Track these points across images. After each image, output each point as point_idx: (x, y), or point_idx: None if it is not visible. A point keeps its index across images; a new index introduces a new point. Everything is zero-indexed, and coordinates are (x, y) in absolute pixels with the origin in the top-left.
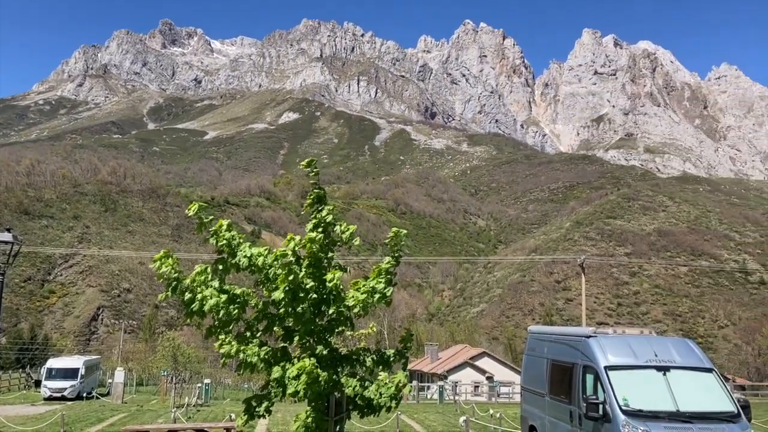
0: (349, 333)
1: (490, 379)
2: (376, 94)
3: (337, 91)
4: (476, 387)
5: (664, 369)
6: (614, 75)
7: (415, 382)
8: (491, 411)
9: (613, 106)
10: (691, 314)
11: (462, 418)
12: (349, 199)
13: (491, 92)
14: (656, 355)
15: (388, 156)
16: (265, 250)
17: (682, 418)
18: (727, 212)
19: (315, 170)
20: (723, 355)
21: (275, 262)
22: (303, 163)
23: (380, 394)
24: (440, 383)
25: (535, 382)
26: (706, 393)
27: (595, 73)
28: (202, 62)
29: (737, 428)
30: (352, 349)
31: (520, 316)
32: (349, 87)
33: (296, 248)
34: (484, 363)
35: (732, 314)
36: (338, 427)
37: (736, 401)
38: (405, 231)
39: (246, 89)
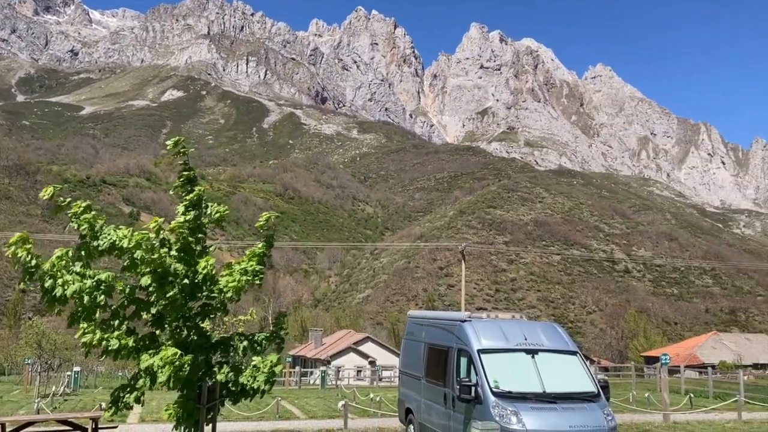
0: (227, 319)
1: (372, 363)
2: (265, 75)
3: (224, 70)
4: (359, 371)
5: (532, 352)
6: (499, 70)
7: (297, 368)
8: (371, 395)
9: (497, 100)
10: (563, 300)
11: (341, 403)
12: (235, 182)
13: (382, 80)
14: (526, 339)
15: (276, 139)
16: (130, 232)
17: (548, 398)
18: (598, 205)
19: (183, 150)
20: (590, 338)
21: (140, 246)
22: (170, 142)
23: (254, 378)
24: (323, 368)
25: (413, 366)
26: (570, 375)
27: (482, 67)
28: (79, 33)
29: (596, 407)
30: (225, 334)
31: (405, 302)
32: (237, 67)
33: (162, 231)
34: (368, 348)
35: (599, 300)
36: (210, 414)
37: (597, 382)
38: (277, 214)
39: (127, 64)
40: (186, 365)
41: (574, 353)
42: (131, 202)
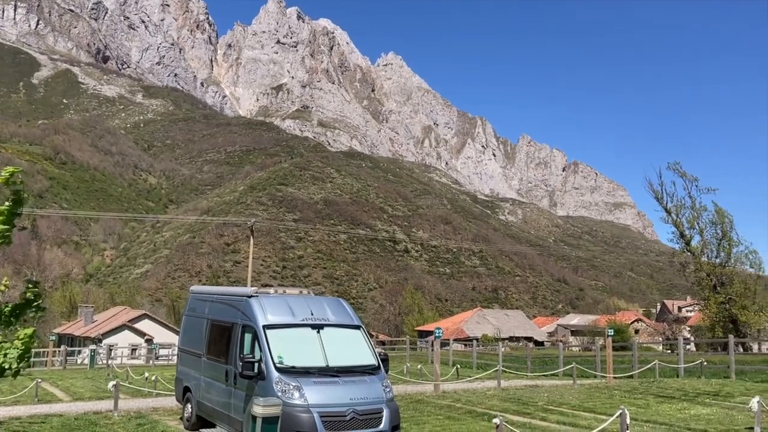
0: None
1: (149, 341)
2: (37, 25)
3: None
4: (134, 350)
5: (318, 327)
6: (295, 47)
7: (63, 347)
8: (147, 374)
9: (293, 77)
10: (347, 278)
11: (111, 383)
12: None
13: (172, 44)
14: (312, 314)
15: (48, 97)
16: None
17: (331, 372)
18: (383, 188)
19: None
20: (370, 314)
21: None
22: None
23: (5, 356)
24: (92, 347)
25: (193, 343)
26: (353, 348)
27: (278, 42)
28: None
29: (376, 379)
30: None
31: (187, 278)
32: (3, 12)
33: None
34: (145, 325)
35: (380, 278)
36: None
37: (377, 355)
38: (21, 169)
39: None
40: None
41: (357, 327)
42: None
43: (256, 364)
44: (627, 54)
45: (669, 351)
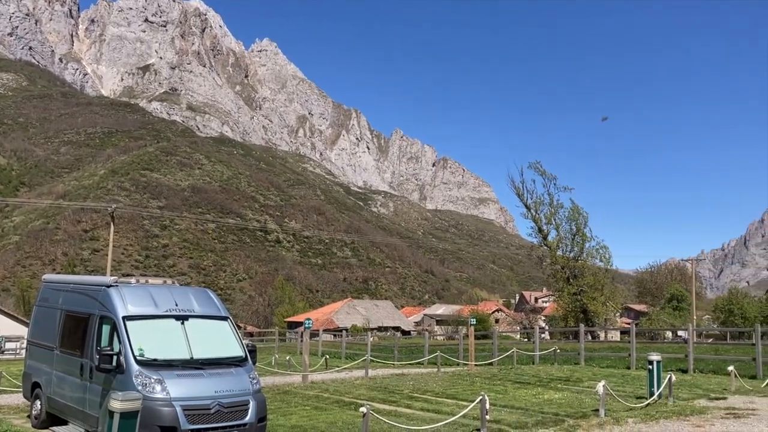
0: None
1: None
2: None
3: None
4: None
5: (182, 318)
6: (165, 27)
7: None
8: None
9: (161, 58)
10: (215, 268)
11: None
12: None
13: (27, 15)
14: (177, 305)
15: None
16: None
17: (195, 364)
18: (255, 176)
19: None
20: (239, 305)
21: None
22: None
23: None
24: None
25: (45, 335)
26: (219, 340)
27: (146, 20)
28: None
29: (243, 371)
30: None
31: (39, 266)
32: None
33: None
34: None
35: (250, 269)
36: None
37: (245, 346)
38: None
39: None
40: None
41: (224, 318)
42: None
43: (115, 357)
44: (495, 53)
45: (526, 339)
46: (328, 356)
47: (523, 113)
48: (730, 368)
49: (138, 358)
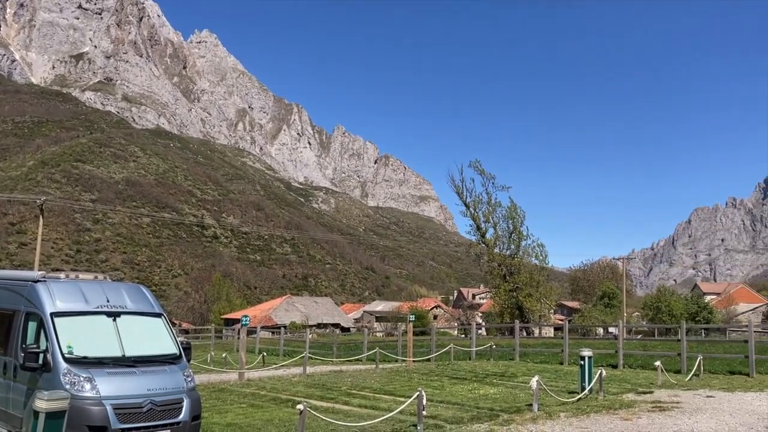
0: None
1: None
2: None
3: None
4: None
5: (114, 315)
6: (100, 14)
7: None
8: None
9: (95, 47)
10: (149, 263)
11: None
12: None
13: None
14: (108, 301)
15: None
16: None
17: (127, 362)
18: (193, 170)
19: None
20: (174, 302)
21: None
22: None
23: None
24: None
25: None
26: (153, 337)
27: (80, 7)
28: None
29: (177, 368)
30: None
31: None
32: None
33: None
34: None
35: (186, 264)
36: None
37: (179, 344)
38: None
39: None
40: None
41: (158, 315)
42: None
43: (41, 355)
44: (437, 51)
45: (463, 335)
46: (265, 353)
47: (466, 112)
48: (657, 363)
49: (66, 356)
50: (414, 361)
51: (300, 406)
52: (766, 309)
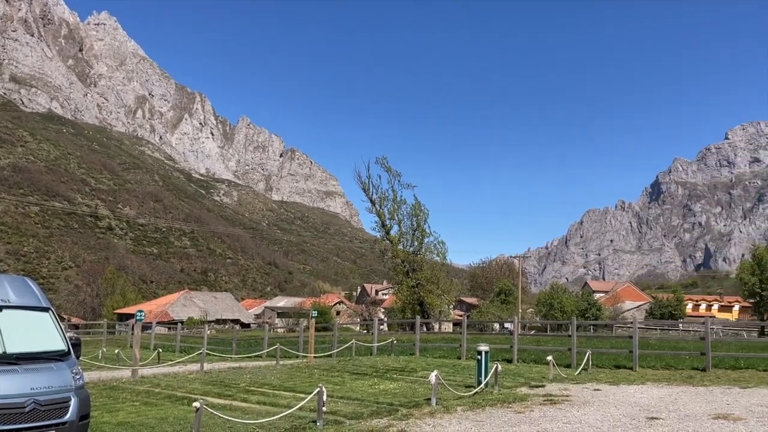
0: None
1: None
2: None
3: None
4: None
5: None
6: None
7: None
8: None
9: None
10: (37, 255)
11: None
12: None
13: None
14: None
15: None
16: None
17: (9, 359)
18: (87, 157)
19: None
20: (63, 295)
21: None
22: None
23: None
24: None
25: None
26: (38, 333)
27: None
28: None
29: (65, 365)
30: None
31: None
32: None
33: None
34: None
35: (77, 256)
36: None
37: (68, 340)
38: None
39: None
40: None
41: (45, 309)
42: None
43: None
44: (344, 46)
45: (366, 331)
46: (161, 350)
47: (374, 108)
48: (549, 358)
49: None
50: (315, 357)
51: (196, 404)
52: (649, 306)
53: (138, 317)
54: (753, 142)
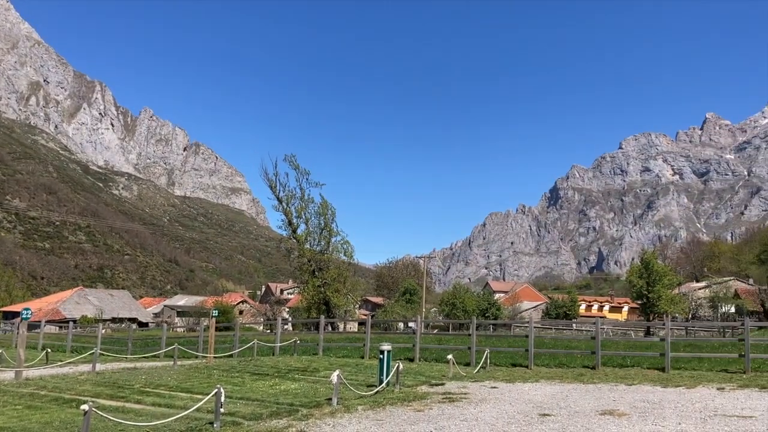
0: None
1: None
2: None
3: None
4: None
5: None
6: None
7: None
8: None
9: None
10: None
11: None
12: None
13: None
14: None
15: None
16: None
17: None
18: None
19: None
20: None
21: None
22: None
23: None
24: None
25: None
26: None
27: None
28: None
29: None
30: None
31: None
32: None
33: None
34: None
35: None
36: None
37: None
38: None
39: None
40: None
41: None
42: None
43: None
44: (252, 39)
45: (269, 331)
46: (50, 350)
47: (282, 103)
48: (449, 357)
49: None
50: (215, 357)
51: (84, 407)
52: (546, 306)
53: (24, 315)
54: (644, 152)
